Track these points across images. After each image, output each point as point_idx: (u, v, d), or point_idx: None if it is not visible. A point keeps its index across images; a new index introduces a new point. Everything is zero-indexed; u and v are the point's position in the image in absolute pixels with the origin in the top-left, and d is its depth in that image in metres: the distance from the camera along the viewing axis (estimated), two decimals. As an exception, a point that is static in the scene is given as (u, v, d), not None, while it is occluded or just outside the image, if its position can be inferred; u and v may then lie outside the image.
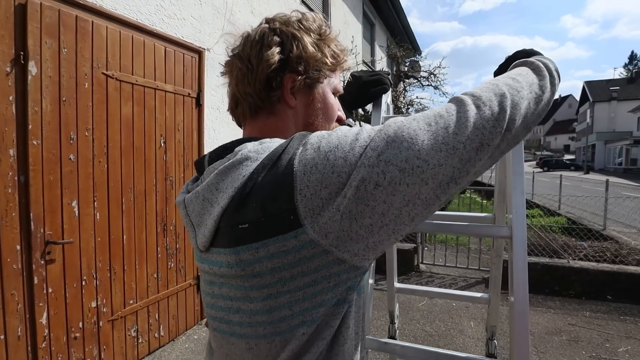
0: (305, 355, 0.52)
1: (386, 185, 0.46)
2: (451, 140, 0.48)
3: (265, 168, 0.51)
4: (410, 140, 0.47)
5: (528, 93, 0.55)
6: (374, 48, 8.54)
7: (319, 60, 0.63)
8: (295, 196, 0.47)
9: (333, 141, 0.50)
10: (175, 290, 2.90)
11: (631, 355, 2.88)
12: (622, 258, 4.37)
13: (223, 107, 3.41)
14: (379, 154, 0.47)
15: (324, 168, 0.47)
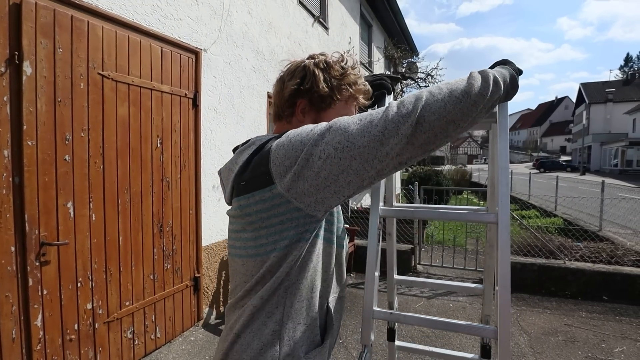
0: (277, 271, 0.79)
1: (325, 158, 0.70)
2: (372, 129, 0.69)
3: (260, 148, 0.80)
4: (344, 128, 0.71)
5: (446, 97, 0.71)
6: (371, 49, 8.55)
7: (327, 95, 0.90)
8: (269, 164, 0.75)
9: (298, 131, 0.77)
10: (171, 292, 2.89)
11: (627, 355, 2.89)
12: (617, 259, 4.39)
13: (220, 107, 3.41)
14: (322, 137, 0.72)
15: (287, 146, 0.74)
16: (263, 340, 0.79)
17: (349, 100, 0.93)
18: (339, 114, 0.90)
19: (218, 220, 3.44)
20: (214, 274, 3.43)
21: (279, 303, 0.80)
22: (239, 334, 0.81)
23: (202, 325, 3.24)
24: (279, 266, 0.78)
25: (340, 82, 0.90)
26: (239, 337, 0.81)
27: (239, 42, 3.66)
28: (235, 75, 3.63)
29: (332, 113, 0.91)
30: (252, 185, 0.77)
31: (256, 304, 0.80)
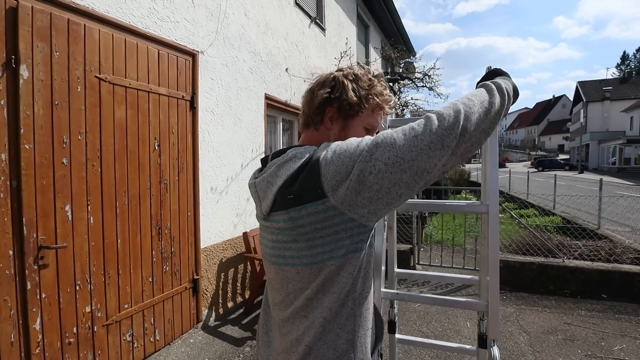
0: (337, 280, 0.82)
1: (376, 173, 0.75)
2: (419, 144, 0.74)
3: (306, 163, 0.84)
4: (391, 144, 0.75)
5: (479, 108, 0.79)
6: (368, 49, 8.57)
7: (355, 104, 0.94)
8: (321, 178, 0.78)
9: (344, 146, 0.81)
10: (170, 294, 2.89)
11: (626, 353, 2.90)
12: (616, 257, 4.40)
13: (217, 109, 3.41)
14: (371, 154, 0.76)
15: (337, 162, 0.78)
16: (338, 350, 0.83)
17: (375, 109, 0.98)
18: (365, 122, 0.97)
19: (216, 222, 3.44)
20: (213, 276, 3.43)
21: (350, 315, 0.84)
22: (311, 346, 0.83)
23: (202, 327, 3.24)
24: (337, 274, 0.82)
25: (368, 92, 0.95)
26: (311, 350, 0.83)
27: (235, 44, 3.66)
28: (233, 77, 3.63)
29: (359, 121, 0.97)
30: (303, 199, 0.80)
31: (326, 316, 0.83)
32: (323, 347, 0.83)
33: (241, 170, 3.79)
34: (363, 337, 0.86)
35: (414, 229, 4.95)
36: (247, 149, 3.90)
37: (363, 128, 0.98)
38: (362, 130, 0.98)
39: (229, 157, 3.60)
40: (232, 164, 3.66)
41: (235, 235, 3.71)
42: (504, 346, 3.01)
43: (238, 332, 3.26)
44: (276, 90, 4.48)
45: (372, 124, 0.99)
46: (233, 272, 3.73)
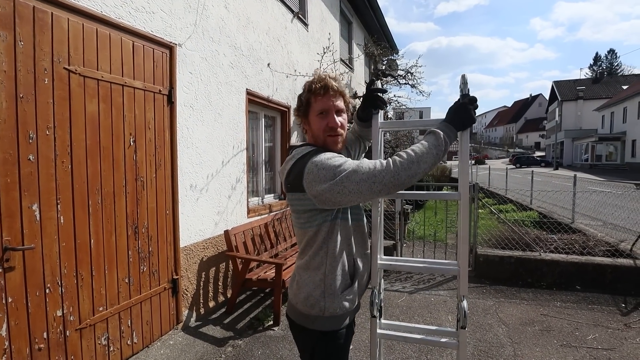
0: (315, 241, 1.29)
1: (340, 192, 1.15)
2: (374, 187, 1.13)
3: (297, 164, 1.25)
4: (357, 182, 1.14)
5: (423, 168, 1.15)
6: (351, 46, 8.55)
7: (300, 107, 1.39)
8: (303, 181, 1.20)
9: (324, 164, 1.18)
10: (148, 295, 2.79)
11: (599, 342, 3.00)
12: (589, 249, 4.56)
13: (197, 104, 3.32)
14: (342, 182, 1.15)
15: (316, 174, 1.18)
16: (314, 282, 1.29)
17: (313, 97, 1.33)
18: (315, 112, 1.33)
19: (196, 220, 3.36)
20: (194, 276, 3.35)
21: (321, 263, 1.29)
22: (299, 276, 1.34)
23: (182, 328, 3.16)
24: (315, 237, 1.28)
25: (305, 94, 1.35)
26: (300, 278, 1.33)
27: (215, 38, 3.57)
28: (212, 71, 3.54)
29: (311, 118, 1.35)
30: (293, 188, 1.25)
31: (308, 260, 1.31)
32: (304, 278, 1.32)
33: (222, 167, 3.71)
34: (331, 279, 1.28)
35: (397, 224, 4.98)
36: (228, 145, 3.81)
37: (317, 117, 1.32)
38: (318, 120, 1.32)
39: (209, 153, 3.52)
40: (213, 160, 3.57)
41: (216, 234, 3.64)
42: (484, 338, 3.07)
43: (220, 332, 3.20)
44: (258, 85, 4.41)
45: (322, 107, 1.31)
46: (214, 271, 3.66)
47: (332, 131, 1.30)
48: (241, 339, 3.08)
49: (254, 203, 4.57)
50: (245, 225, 3.90)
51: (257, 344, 3.00)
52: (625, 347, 2.92)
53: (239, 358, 2.79)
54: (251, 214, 4.27)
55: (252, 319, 3.44)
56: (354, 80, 8.53)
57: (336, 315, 1.28)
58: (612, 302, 3.75)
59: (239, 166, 4.04)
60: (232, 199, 3.89)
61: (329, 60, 6.08)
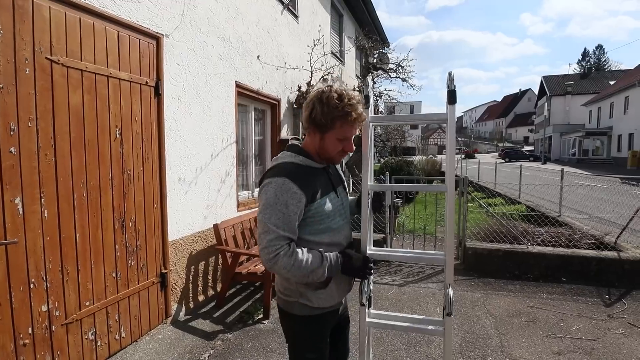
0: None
1: (260, 219, 1.29)
2: (265, 248, 1.27)
3: (267, 171, 1.36)
4: (261, 235, 1.28)
5: (295, 273, 1.28)
6: (342, 39, 8.50)
7: (323, 124, 1.31)
8: (259, 193, 1.35)
9: (266, 197, 1.29)
10: (136, 290, 2.77)
11: (583, 332, 3.07)
12: (575, 242, 4.65)
13: (185, 96, 3.26)
14: (261, 216, 1.29)
15: (260, 196, 1.32)
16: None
17: (343, 126, 1.31)
18: (337, 135, 1.33)
19: (185, 214, 3.32)
20: (183, 270, 3.33)
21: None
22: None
23: (171, 323, 3.14)
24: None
25: (334, 114, 1.28)
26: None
27: (203, 28, 3.50)
28: (201, 62, 3.48)
29: (332, 134, 1.33)
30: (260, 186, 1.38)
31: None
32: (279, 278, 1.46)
33: (211, 160, 3.67)
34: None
35: (387, 218, 5.01)
36: (217, 138, 3.77)
37: (336, 139, 1.33)
38: (336, 141, 1.33)
39: (198, 146, 3.47)
40: (201, 153, 3.53)
41: (205, 228, 3.61)
42: (471, 330, 3.11)
43: (209, 325, 3.19)
44: (247, 78, 4.35)
45: (344, 135, 1.32)
46: (204, 265, 3.64)
47: (345, 153, 1.40)
48: (231, 332, 3.08)
49: (244, 197, 4.54)
50: (235, 219, 3.87)
51: (246, 337, 3.00)
52: (608, 337, 3.00)
53: (228, 351, 2.79)
54: (241, 208, 4.25)
55: (242, 313, 3.43)
56: (344, 73, 8.50)
57: (311, 305, 1.38)
58: (596, 294, 3.84)
59: (229, 159, 4.00)
60: (221, 192, 3.86)
61: (319, 52, 6.03)
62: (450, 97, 1.33)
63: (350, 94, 1.29)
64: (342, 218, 1.44)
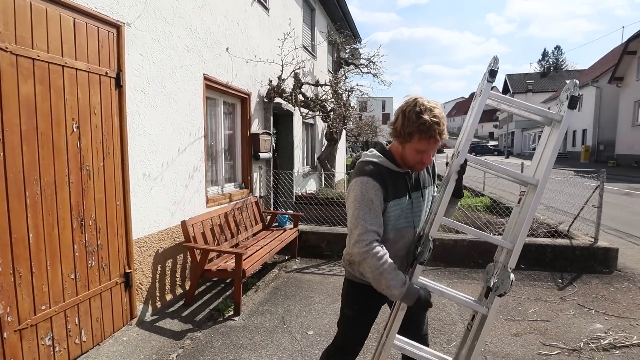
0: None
1: (350, 214, 1.48)
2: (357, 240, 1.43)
3: (355, 170, 1.54)
4: (352, 227, 1.46)
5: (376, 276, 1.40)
6: (314, 33, 8.45)
7: (402, 135, 1.41)
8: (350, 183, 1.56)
9: (357, 195, 1.45)
10: (98, 291, 2.65)
11: (538, 315, 3.27)
12: (532, 231, 4.92)
13: (149, 89, 3.14)
14: (352, 218, 1.46)
15: (348, 195, 1.52)
16: None
17: (421, 140, 1.38)
18: (414, 147, 1.41)
19: (151, 210, 3.21)
20: (149, 269, 3.22)
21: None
22: None
23: (137, 324, 3.04)
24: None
25: (411, 128, 1.37)
26: None
27: (168, 18, 3.37)
28: (166, 54, 3.35)
29: (410, 146, 1.42)
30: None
31: None
32: None
33: (178, 155, 3.56)
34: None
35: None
36: (184, 132, 3.66)
37: (414, 150, 1.42)
38: (414, 152, 1.42)
39: (164, 140, 3.35)
40: (168, 148, 3.41)
41: (172, 225, 3.51)
42: (438, 317, 3.23)
43: (178, 325, 3.12)
44: (216, 70, 4.24)
45: (420, 149, 1.40)
46: (171, 263, 3.54)
47: (424, 164, 1.47)
48: (200, 330, 3.03)
49: (213, 192, 4.45)
50: (204, 215, 3.79)
51: (217, 335, 2.96)
52: (560, 318, 3.21)
53: (197, 350, 2.74)
54: (210, 204, 4.16)
55: (211, 310, 3.38)
56: (316, 68, 8.48)
57: (358, 277, 1.64)
58: (550, 279, 4.09)
59: (197, 154, 3.90)
60: (189, 188, 3.75)
61: (290, 46, 5.98)
62: (571, 102, 1.37)
63: (434, 111, 1.36)
64: (408, 221, 1.55)
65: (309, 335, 2.94)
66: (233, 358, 2.64)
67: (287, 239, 4.53)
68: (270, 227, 5.06)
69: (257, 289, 3.90)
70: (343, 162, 12.28)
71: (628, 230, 6.39)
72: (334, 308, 3.42)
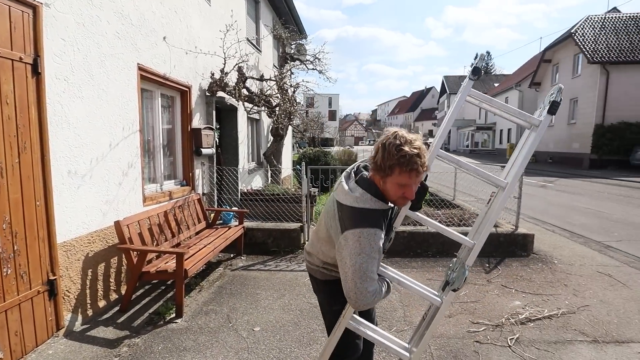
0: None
1: (358, 266, 1.38)
2: (345, 273, 1.41)
3: (354, 213, 1.42)
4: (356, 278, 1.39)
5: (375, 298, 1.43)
6: (258, 26, 8.29)
7: (382, 169, 1.39)
8: (344, 231, 1.44)
9: (366, 248, 1.38)
10: (15, 302, 2.38)
11: (468, 297, 3.58)
12: (465, 221, 5.36)
13: (73, 77, 2.86)
14: (353, 272, 1.39)
15: (351, 246, 1.39)
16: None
17: (401, 174, 1.36)
18: (396, 181, 1.38)
19: (79, 211, 2.95)
20: (77, 274, 2.96)
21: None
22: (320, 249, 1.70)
23: (64, 335, 2.79)
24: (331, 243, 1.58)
25: (391, 163, 1.35)
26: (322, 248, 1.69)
27: (95, 1, 3.09)
28: (94, 40, 3.08)
29: (391, 180, 1.39)
30: (339, 222, 1.48)
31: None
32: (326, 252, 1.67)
33: (109, 150, 3.30)
34: None
35: (304, 207, 5.12)
36: (116, 126, 3.40)
37: (396, 184, 1.39)
38: (395, 186, 1.39)
39: (92, 134, 3.09)
40: (97, 143, 3.15)
41: (105, 225, 3.25)
42: (379, 305, 3.40)
43: (113, 332, 2.91)
44: (152, 60, 3.99)
45: (402, 182, 1.38)
46: (104, 267, 3.28)
47: (407, 199, 1.45)
48: (139, 336, 2.86)
49: (151, 190, 4.20)
50: (141, 215, 3.57)
51: (157, 339, 2.82)
52: (487, 298, 3.55)
53: (136, 357, 2.59)
54: (148, 202, 3.92)
55: (151, 314, 3.21)
56: (261, 62, 8.34)
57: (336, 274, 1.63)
58: (479, 264, 4.49)
59: (132, 150, 3.64)
60: (123, 186, 3.50)
61: (233, 39, 5.81)
62: (551, 108, 1.36)
63: (414, 143, 1.35)
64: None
65: (256, 332, 2.92)
66: (175, 362, 2.53)
67: (232, 236, 4.43)
68: (214, 225, 4.91)
69: (201, 289, 3.78)
70: (290, 158, 12.27)
71: (543, 218, 7.22)
72: (280, 303, 3.43)
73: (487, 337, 2.88)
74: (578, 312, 3.26)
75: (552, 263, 4.55)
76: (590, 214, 7.62)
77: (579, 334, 2.91)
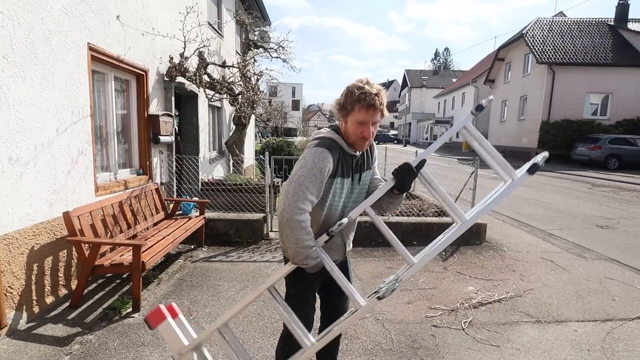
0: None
1: (295, 179, 1.49)
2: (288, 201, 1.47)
3: (312, 141, 1.61)
4: (289, 188, 1.49)
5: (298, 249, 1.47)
6: (220, 10, 7.97)
7: (343, 106, 1.54)
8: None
9: (308, 162, 1.49)
10: (-52, 300, 2.16)
11: (426, 284, 3.77)
12: (423, 212, 5.59)
13: (14, 56, 2.60)
14: (293, 180, 1.49)
15: (299, 163, 1.53)
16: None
17: (357, 109, 1.48)
18: (354, 118, 1.50)
19: (21, 201, 2.72)
20: (21, 269, 2.74)
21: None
22: None
23: (7, 334, 2.59)
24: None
25: (350, 99, 1.49)
26: None
27: (38, -29, 2.81)
28: (37, 15, 2.81)
29: (350, 118, 1.51)
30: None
31: None
32: None
33: (57, 135, 3.06)
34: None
35: (267, 197, 5.08)
36: (64, 110, 3.15)
37: (355, 122, 1.50)
38: (355, 125, 1.51)
39: (37, 119, 2.84)
40: (42, 127, 2.90)
41: (52, 217, 3.03)
42: (343, 294, 3.47)
43: (63, 330, 2.75)
44: (104, 41, 3.72)
45: (360, 119, 1.49)
46: (52, 261, 3.07)
47: (365, 139, 1.53)
48: (92, 333, 2.72)
49: (104, 179, 3.95)
50: (93, 205, 3.36)
51: (112, 335, 2.69)
52: (443, 285, 3.75)
53: (88, 354, 2.46)
54: (101, 192, 3.70)
55: (105, 310, 3.05)
56: (223, 48, 8.06)
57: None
58: (436, 252, 4.72)
59: (82, 135, 3.40)
60: (73, 174, 3.27)
61: (194, 22, 5.56)
62: (531, 169, 1.39)
63: (374, 85, 1.48)
64: (342, 201, 1.64)
65: (218, 324, 2.88)
66: (133, 357, 2.44)
67: (192, 227, 4.30)
68: (173, 216, 4.74)
69: (160, 282, 3.65)
70: (252, 148, 12.06)
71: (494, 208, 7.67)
72: (243, 294, 3.40)
73: (443, 321, 3.05)
74: (524, 296, 3.55)
75: (502, 250, 4.88)
76: (537, 204, 8.25)
77: (524, 315, 3.17)
